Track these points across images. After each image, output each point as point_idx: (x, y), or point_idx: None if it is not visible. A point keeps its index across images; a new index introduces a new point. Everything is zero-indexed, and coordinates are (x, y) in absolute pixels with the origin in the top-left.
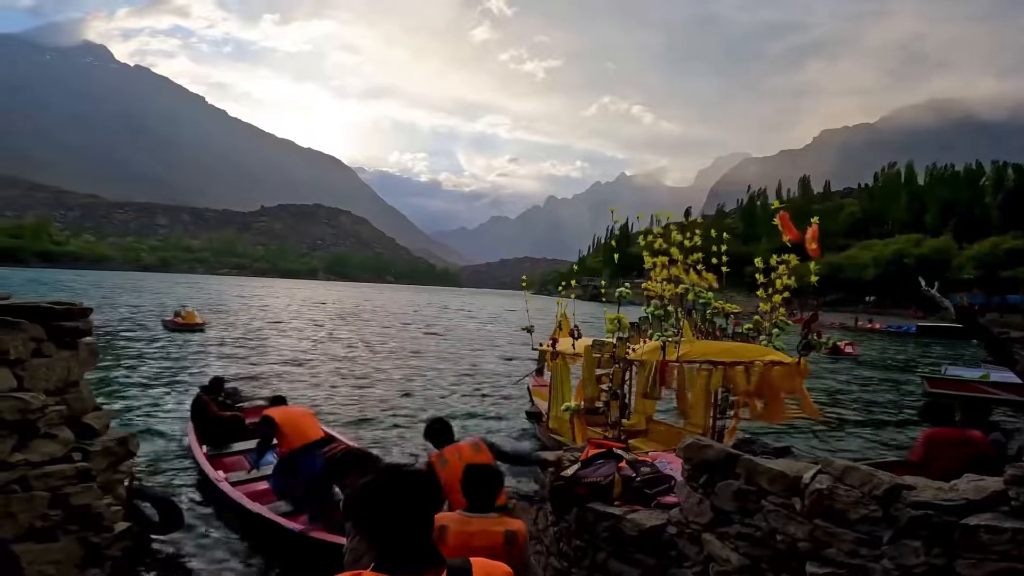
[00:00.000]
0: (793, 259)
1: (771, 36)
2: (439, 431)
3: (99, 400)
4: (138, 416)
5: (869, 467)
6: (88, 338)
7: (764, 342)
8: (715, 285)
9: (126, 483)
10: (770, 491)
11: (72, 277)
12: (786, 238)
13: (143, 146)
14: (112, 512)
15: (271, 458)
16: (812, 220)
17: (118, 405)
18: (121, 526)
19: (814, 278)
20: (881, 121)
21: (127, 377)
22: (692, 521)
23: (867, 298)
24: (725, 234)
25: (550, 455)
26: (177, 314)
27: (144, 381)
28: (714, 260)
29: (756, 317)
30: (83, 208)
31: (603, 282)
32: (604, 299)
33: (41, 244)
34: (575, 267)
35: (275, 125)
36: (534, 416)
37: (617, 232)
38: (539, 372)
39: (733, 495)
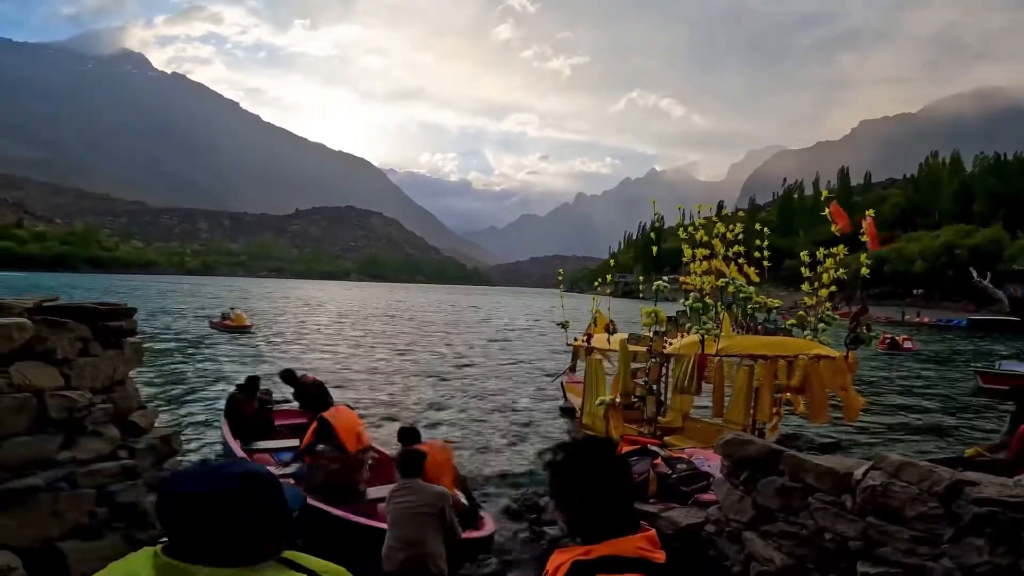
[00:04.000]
0: (841, 250)
1: (803, 27)
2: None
3: (148, 397)
4: (181, 414)
5: (928, 463)
6: (133, 337)
7: (808, 337)
8: (756, 279)
9: None
10: (818, 488)
11: (121, 282)
12: (836, 228)
13: (183, 152)
14: None
15: (293, 467)
16: (867, 213)
17: (165, 402)
18: None
19: (865, 270)
20: (923, 111)
21: (175, 375)
22: (732, 519)
23: (914, 291)
24: (765, 229)
25: None
26: (226, 316)
27: (192, 379)
28: (756, 254)
29: (800, 312)
30: (129, 214)
31: (640, 277)
32: (642, 295)
33: (91, 250)
34: (611, 261)
35: (307, 129)
36: (568, 412)
37: (656, 223)
38: (573, 369)
39: (777, 492)
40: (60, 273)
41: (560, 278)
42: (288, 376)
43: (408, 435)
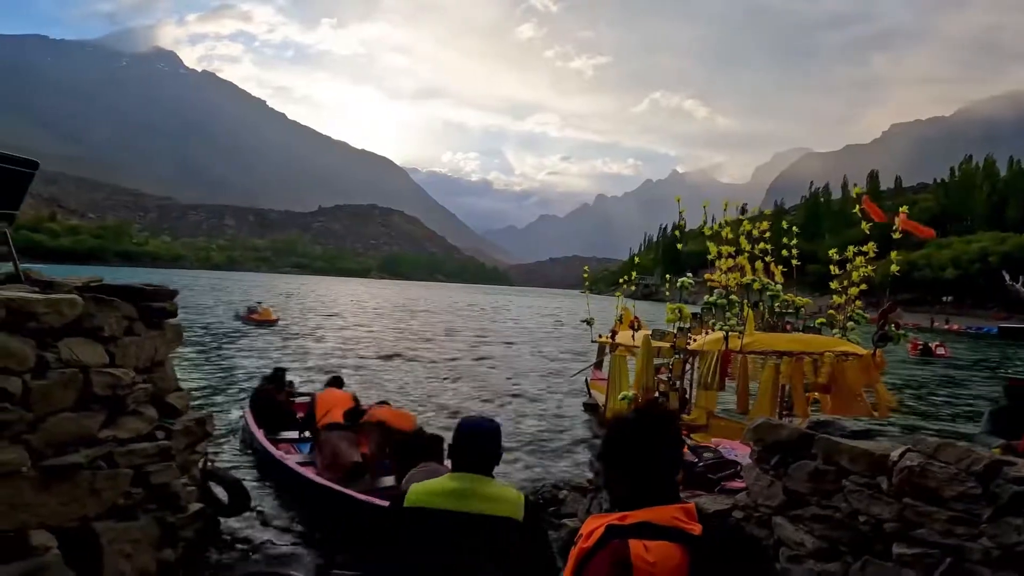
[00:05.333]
0: (871, 248)
1: (834, 27)
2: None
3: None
4: (207, 403)
5: (966, 443)
6: (173, 320)
7: (837, 336)
8: (781, 280)
9: (201, 464)
10: (852, 471)
11: (150, 276)
12: (867, 226)
13: (212, 150)
14: (188, 492)
15: (305, 448)
16: (901, 210)
17: (191, 390)
18: (195, 507)
19: (895, 267)
20: (957, 114)
21: (202, 365)
22: (761, 504)
23: (944, 298)
24: (794, 228)
25: None
26: (253, 310)
27: (217, 369)
28: (784, 252)
29: (830, 311)
30: (160, 210)
31: (667, 277)
32: (667, 293)
33: (122, 244)
34: (636, 259)
35: (331, 127)
36: (591, 408)
37: (680, 222)
38: (598, 365)
39: (809, 476)
40: (92, 266)
41: (586, 276)
42: (277, 375)
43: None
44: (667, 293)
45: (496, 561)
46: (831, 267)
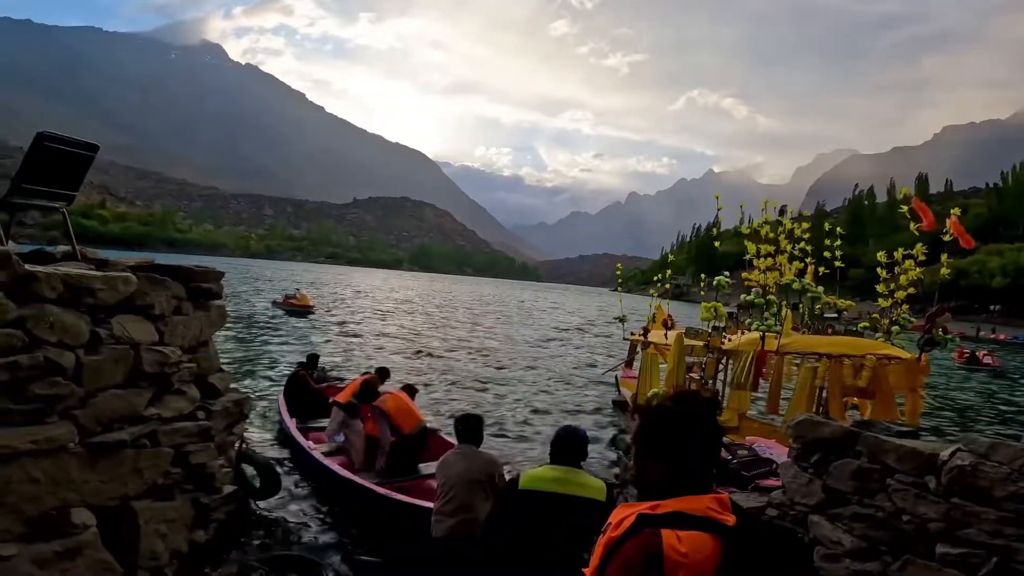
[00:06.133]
0: (920, 250)
1: (883, 28)
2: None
3: None
4: (243, 385)
5: (1022, 444)
6: (218, 301)
7: (881, 339)
8: (813, 284)
9: (236, 445)
10: (899, 469)
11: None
12: (915, 227)
13: (254, 141)
14: (223, 474)
15: (340, 438)
16: (952, 212)
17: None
18: (228, 489)
19: (945, 270)
20: (1013, 117)
21: (240, 349)
22: (798, 503)
23: (992, 307)
24: (838, 228)
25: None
26: (291, 296)
27: (254, 354)
28: (827, 254)
29: (874, 315)
30: (204, 199)
31: (702, 276)
32: (702, 293)
33: (167, 232)
34: (671, 256)
35: (367, 120)
36: (620, 405)
37: (719, 219)
38: (628, 363)
39: (852, 474)
40: (138, 252)
41: (619, 272)
42: (311, 361)
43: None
44: (703, 292)
45: (584, 532)
46: (879, 270)
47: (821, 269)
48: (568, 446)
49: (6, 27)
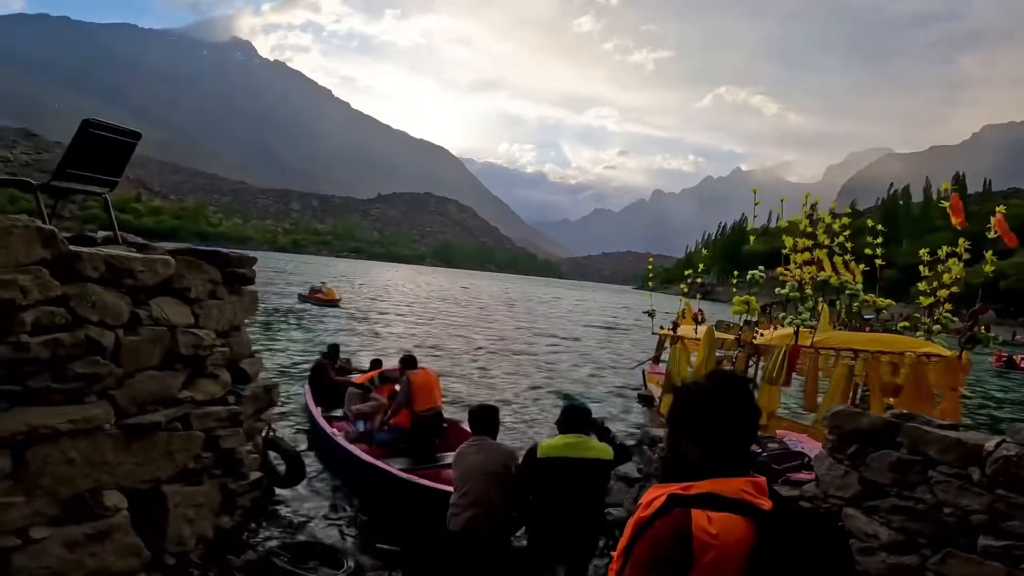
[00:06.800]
0: (963, 246)
1: (919, 25)
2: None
3: None
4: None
5: None
6: (251, 286)
7: (921, 337)
8: (860, 279)
9: (264, 432)
10: (941, 461)
11: None
12: (955, 221)
13: (281, 136)
14: (251, 460)
15: (362, 427)
16: (998, 209)
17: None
18: (255, 475)
19: (989, 267)
20: None
21: (266, 340)
22: (832, 495)
23: None
24: (878, 227)
25: (659, 431)
26: (317, 290)
27: (280, 345)
28: (867, 251)
29: (915, 314)
30: (234, 193)
31: (735, 272)
32: (733, 290)
33: (199, 225)
34: (704, 250)
35: (391, 116)
36: (646, 400)
37: (755, 214)
38: (656, 359)
39: (891, 466)
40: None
41: (650, 267)
42: (333, 352)
43: (408, 361)
44: (734, 290)
45: (601, 486)
46: (921, 267)
47: (861, 266)
48: (576, 416)
49: (45, 23)
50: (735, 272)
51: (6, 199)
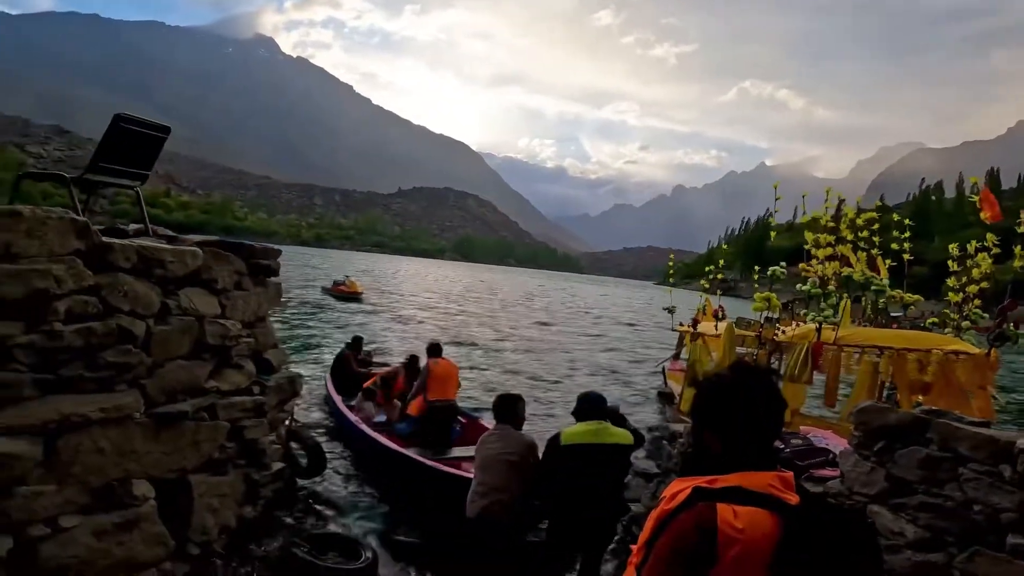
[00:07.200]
0: (992, 239)
1: (952, 20)
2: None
3: None
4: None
5: None
6: (276, 278)
7: (950, 335)
8: (886, 276)
9: (287, 423)
10: (972, 458)
11: None
12: (985, 215)
13: (305, 132)
14: (273, 450)
15: (382, 418)
16: None
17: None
18: (277, 466)
19: (1019, 262)
20: None
21: (289, 331)
22: (857, 492)
23: None
24: (906, 221)
25: (679, 427)
26: (341, 283)
27: (303, 336)
28: (894, 246)
29: (945, 310)
30: (259, 188)
31: (756, 268)
32: (756, 286)
33: (225, 219)
34: (726, 246)
35: (412, 112)
36: (666, 397)
37: (776, 209)
38: (676, 356)
39: (920, 462)
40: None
41: (671, 263)
42: (356, 343)
43: (433, 349)
44: (756, 286)
45: (623, 471)
46: (950, 263)
47: (888, 261)
48: (592, 404)
49: (75, 22)
50: (756, 268)
51: (40, 194)
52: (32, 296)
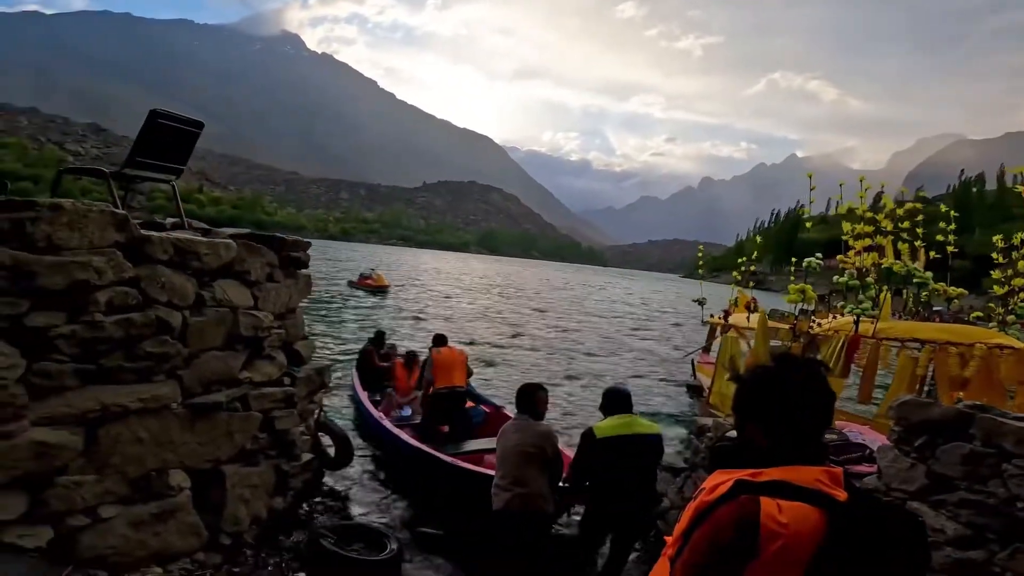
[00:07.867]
0: None
1: (993, 11)
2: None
3: None
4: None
5: None
6: (306, 270)
7: (995, 329)
8: (922, 268)
9: (316, 414)
10: (1017, 454)
11: None
12: None
13: (331, 127)
14: (303, 441)
15: (407, 412)
16: None
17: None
18: (307, 457)
19: None
20: None
21: (317, 324)
22: (895, 488)
23: None
24: (952, 212)
25: (707, 420)
26: (367, 276)
27: (330, 329)
28: (939, 237)
29: (989, 304)
30: (287, 183)
31: (792, 260)
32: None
33: (255, 214)
34: (758, 238)
35: (435, 106)
36: (694, 390)
37: (811, 198)
38: (707, 349)
39: (963, 458)
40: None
41: (700, 255)
42: (379, 338)
43: (438, 339)
44: (792, 278)
45: (656, 461)
46: (994, 255)
47: (932, 253)
48: (622, 398)
49: (107, 20)
50: (792, 260)
51: (79, 190)
52: (73, 287)
